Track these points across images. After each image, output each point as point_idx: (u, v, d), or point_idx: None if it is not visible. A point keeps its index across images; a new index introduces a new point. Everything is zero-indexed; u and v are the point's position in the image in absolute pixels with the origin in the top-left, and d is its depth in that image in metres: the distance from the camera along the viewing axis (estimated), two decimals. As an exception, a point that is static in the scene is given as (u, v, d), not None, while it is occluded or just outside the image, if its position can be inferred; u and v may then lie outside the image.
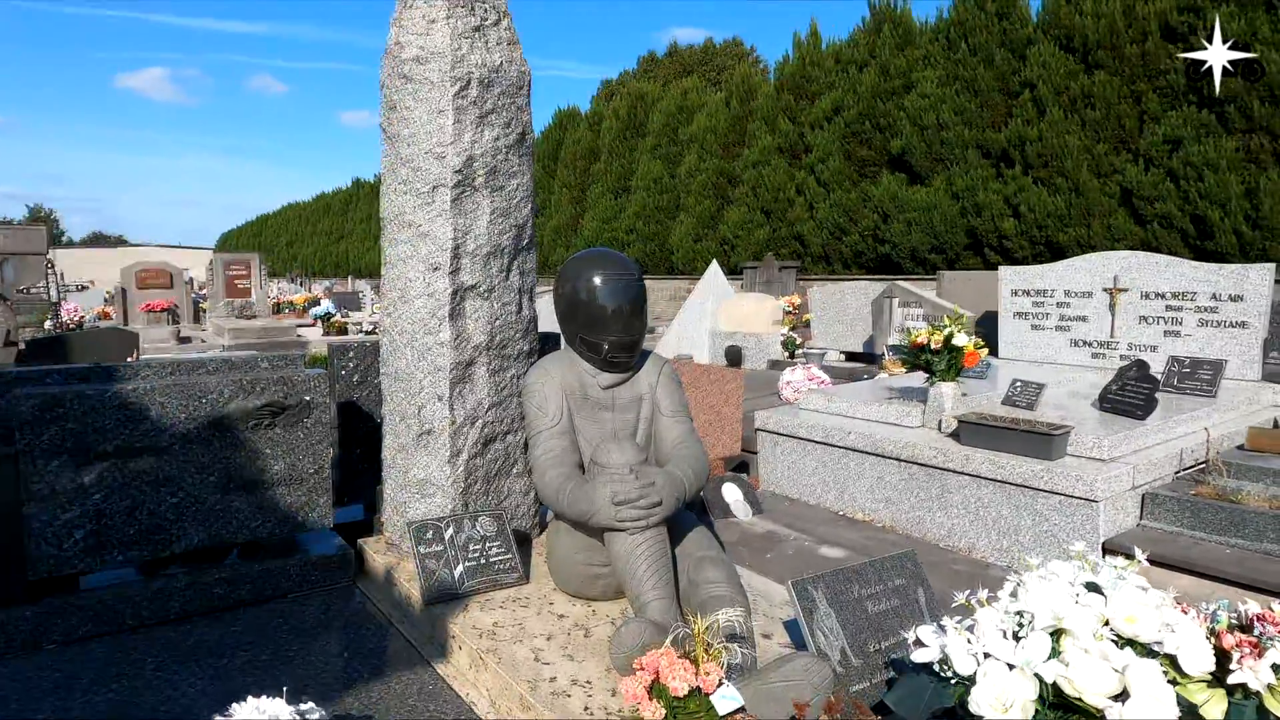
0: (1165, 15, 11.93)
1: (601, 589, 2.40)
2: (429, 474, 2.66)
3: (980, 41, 13.98)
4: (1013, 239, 13.13)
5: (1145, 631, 1.50)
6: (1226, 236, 10.86)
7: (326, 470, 2.82)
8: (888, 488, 4.37)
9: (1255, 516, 3.41)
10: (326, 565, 2.79)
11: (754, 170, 17.38)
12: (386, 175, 2.69)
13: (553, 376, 2.47)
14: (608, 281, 2.45)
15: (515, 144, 2.70)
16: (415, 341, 2.63)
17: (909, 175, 14.89)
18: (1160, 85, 11.88)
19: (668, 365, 2.65)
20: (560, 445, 2.39)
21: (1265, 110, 10.73)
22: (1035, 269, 5.97)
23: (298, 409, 2.74)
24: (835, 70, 16.35)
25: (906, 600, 2.02)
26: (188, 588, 2.58)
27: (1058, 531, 3.65)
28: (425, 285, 2.59)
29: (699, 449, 2.48)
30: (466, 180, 2.57)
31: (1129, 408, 4.17)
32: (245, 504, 2.68)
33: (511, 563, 2.57)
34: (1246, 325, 4.94)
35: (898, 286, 7.13)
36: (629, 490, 2.10)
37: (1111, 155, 12.28)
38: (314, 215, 37.68)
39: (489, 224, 2.64)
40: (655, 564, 2.08)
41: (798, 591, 1.87)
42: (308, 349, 10.44)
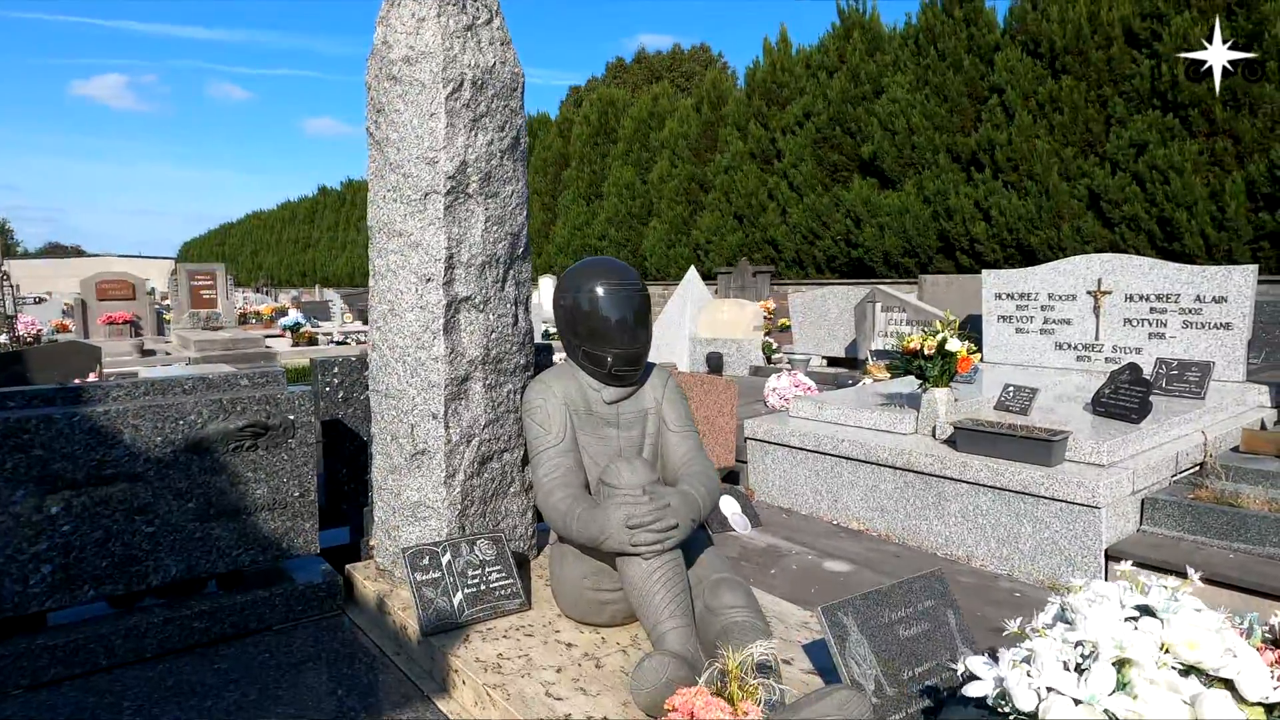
0: (1128, 21, 12.13)
1: (610, 615, 2.29)
2: (423, 496, 2.52)
3: (948, 47, 14.11)
4: (984, 242, 13.24)
5: (1209, 658, 1.42)
6: (1193, 238, 11.03)
7: (312, 494, 2.66)
8: (882, 496, 4.30)
9: (1256, 520, 3.39)
10: (314, 595, 2.64)
11: (726, 175, 17.38)
12: (374, 182, 2.55)
13: (555, 392, 2.36)
14: (611, 292, 2.34)
15: (509, 149, 2.58)
16: (407, 357, 2.50)
17: (880, 180, 14.98)
18: (1125, 90, 12.06)
19: (672, 378, 2.54)
20: (565, 464, 2.27)
21: (1227, 114, 10.93)
22: (1019, 272, 5.97)
23: (281, 429, 2.58)
24: (806, 75, 16.42)
25: (937, 623, 1.93)
26: (165, 623, 2.41)
27: (1059, 539, 3.61)
28: (417, 297, 2.46)
29: (709, 465, 2.37)
30: (460, 187, 2.45)
31: (1123, 411, 4.15)
32: (226, 532, 2.52)
33: (513, 588, 2.44)
34: (1230, 327, 4.96)
35: (880, 291, 7.11)
36: (643, 513, 1.99)
37: (1079, 159, 12.43)
38: (279, 224, 37.01)
39: (483, 232, 2.51)
40: (672, 590, 1.97)
41: (829, 619, 1.77)
42: (277, 361, 10.18)
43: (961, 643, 1.95)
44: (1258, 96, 10.63)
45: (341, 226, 31.91)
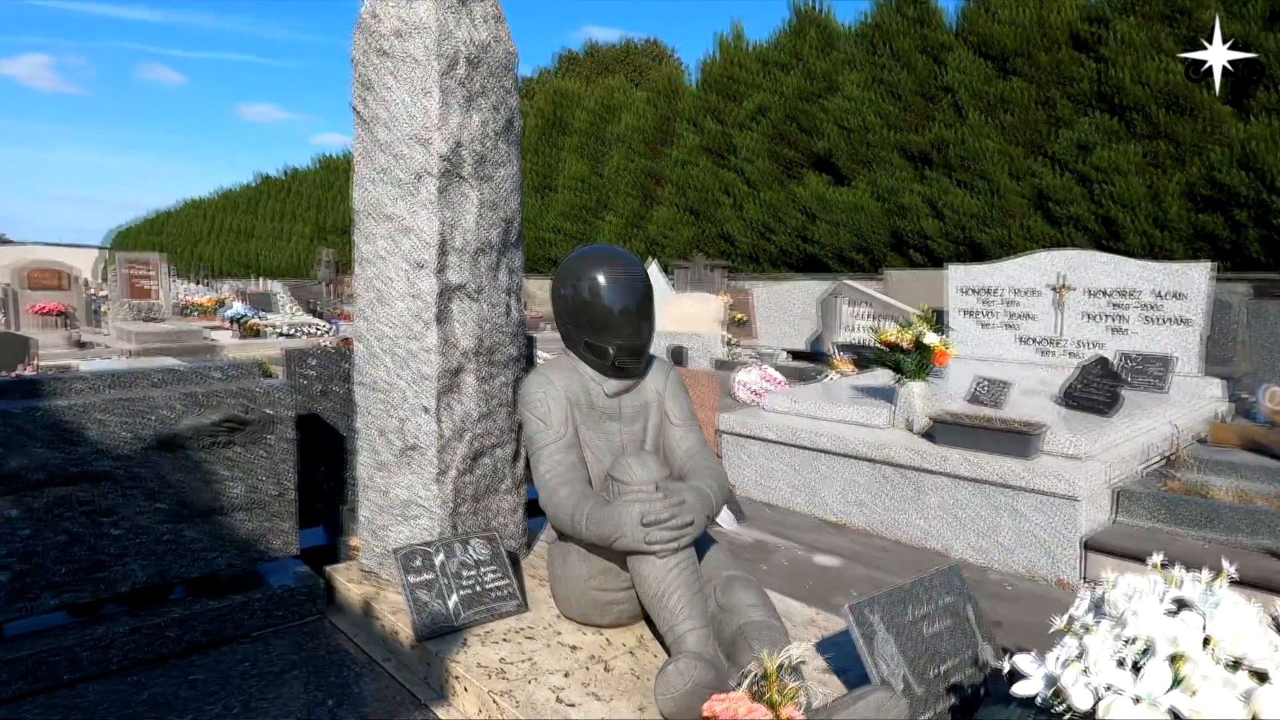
0: (1074, 25, 12.45)
1: (615, 616, 2.20)
2: (413, 494, 2.40)
3: (901, 46, 14.31)
4: (935, 239, 13.47)
5: (1254, 651, 1.40)
6: (1135, 237, 11.38)
7: (291, 492, 2.52)
8: (860, 490, 4.30)
9: (1228, 510, 3.47)
10: (294, 599, 2.50)
11: (681, 170, 17.37)
12: (360, 162, 2.41)
13: (555, 385, 2.26)
14: (613, 280, 2.25)
15: (503, 130, 2.47)
16: (396, 348, 2.37)
17: (834, 176, 15.13)
18: (1071, 91, 12.37)
19: (674, 371, 2.47)
20: (568, 460, 2.18)
21: (1167, 117, 11.30)
22: (983, 267, 6.05)
23: (259, 425, 2.43)
24: (760, 71, 16.49)
25: (958, 619, 1.90)
26: (134, 632, 2.24)
27: (1037, 530, 3.64)
28: (408, 285, 2.34)
29: (715, 460, 2.31)
30: (454, 169, 2.33)
31: (1094, 404, 4.22)
32: (199, 534, 2.36)
33: (509, 589, 2.34)
34: (1188, 321, 5.09)
35: (845, 285, 7.14)
36: (659, 510, 1.91)
37: (1027, 158, 12.73)
38: (217, 213, 35.76)
39: (477, 218, 2.40)
40: (689, 590, 1.90)
41: (856, 617, 1.72)
42: (221, 355, 9.81)
43: (982, 638, 1.92)
44: (1195, 101, 11.01)
45: (284, 217, 30.98)
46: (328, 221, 28.10)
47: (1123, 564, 3.47)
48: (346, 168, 29.20)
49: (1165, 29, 11.53)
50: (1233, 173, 10.50)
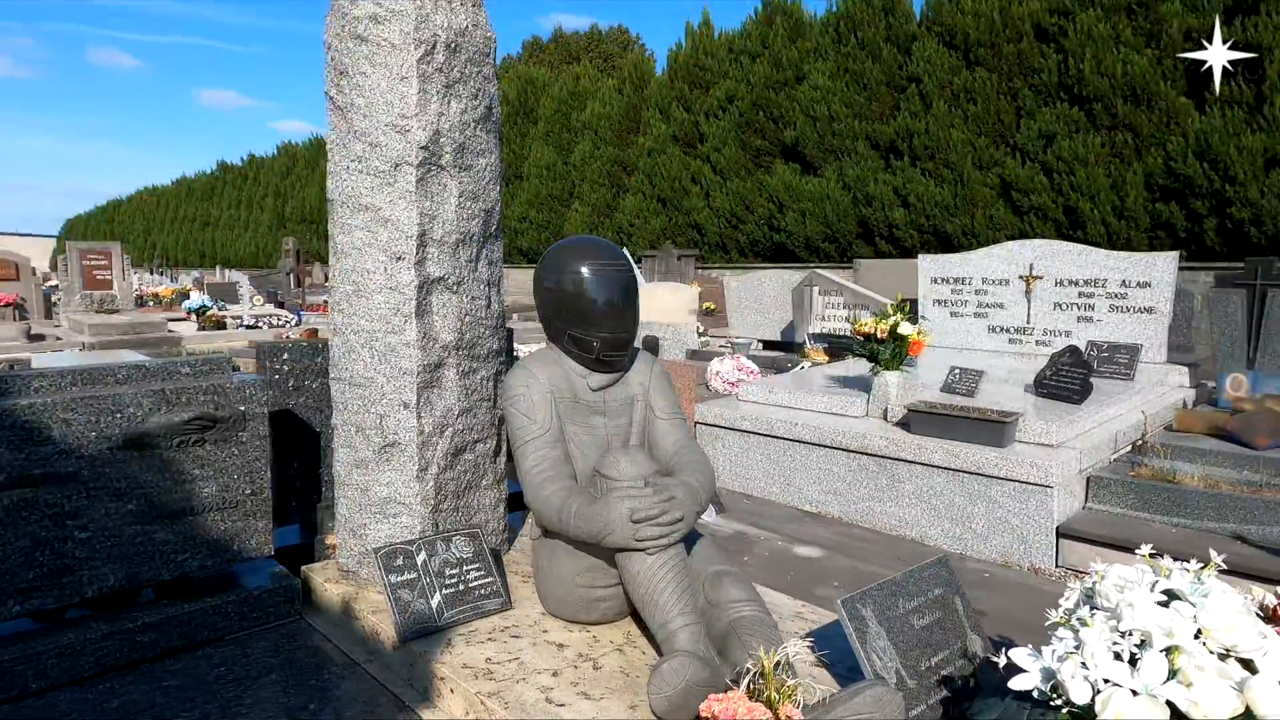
0: (1037, 16, 12.59)
1: (602, 613, 2.18)
2: (393, 492, 2.35)
3: (868, 36, 14.37)
4: (902, 228, 13.59)
5: (1244, 641, 1.42)
6: (1095, 227, 11.58)
7: (266, 491, 2.45)
8: (835, 479, 4.32)
9: (1196, 496, 3.54)
10: (270, 600, 2.43)
11: (649, 158, 17.30)
12: (335, 151, 2.34)
13: (539, 378, 2.22)
14: (597, 272, 2.21)
15: (483, 118, 2.41)
16: (375, 342, 2.31)
17: (802, 165, 15.18)
18: (1034, 83, 12.52)
19: (658, 363, 2.44)
20: (553, 456, 2.14)
21: (1127, 108, 11.49)
22: (954, 257, 6.10)
23: (231, 422, 2.36)
24: (728, 60, 16.46)
25: (948, 611, 1.90)
26: (105, 638, 2.17)
27: (1011, 518, 3.69)
28: (387, 277, 2.28)
29: (703, 454, 2.29)
30: (433, 158, 2.27)
31: (1065, 393, 4.27)
32: (171, 535, 2.29)
33: (493, 587, 2.30)
34: (1154, 311, 5.19)
35: (818, 275, 7.17)
36: (648, 506, 1.88)
37: (991, 148, 12.88)
38: (175, 201, 34.88)
39: (457, 208, 2.34)
40: (680, 587, 1.88)
41: (849, 611, 1.72)
42: (183, 347, 9.58)
43: (970, 630, 1.93)
44: (1155, 93, 11.21)
45: (245, 205, 30.34)
46: (290, 210, 27.58)
47: (1095, 550, 3.52)
48: (309, 155, 28.66)
49: (1126, 22, 11.71)
50: (1190, 164, 10.72)
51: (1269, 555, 3.20)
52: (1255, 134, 10.29)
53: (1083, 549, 3.57)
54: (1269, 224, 10.13)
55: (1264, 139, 10.19)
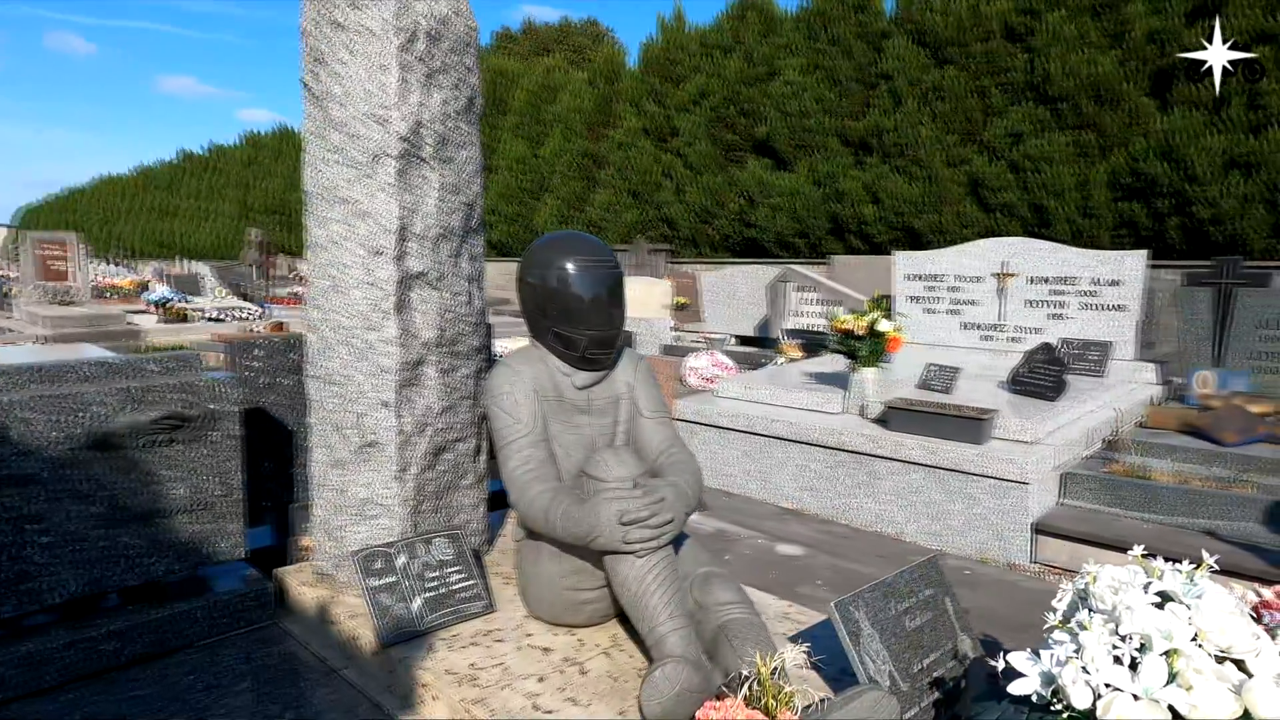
0: (1006, 16, 12.72)
1: (588, 615, 2.14)
2: (372, 493, 2.28)
3: (840, 32, 14.42)
4: (872, 224, 13.67)
5: (1239, 642, 1.42)
6: (1062, 225, 11.75)
7: (237, 492, 2.37)
8: (814, 476, 4.32)
9: (1167, 492, 3.59)
10: (242, 605, 2.36)
11: (621, 152, 17.23)
12: (312, 141, 2.27)
13: (523, 377, 2.17)
14: (583, 269, 2.17)
15: (464, 109, 2.35)
16: (353, 338, 2.24)
17: (774, 161, 15.21)
18: (1003, 81, 12.66)
19: (644, 361, 2.40)
20: (538, 456, 2.10)
21: (1093, 108, 11.66)
22: (929, 254, 6.14)
23: (202, 421, 2.28)
24: (701, 54, 16.43)
25: (938, 611, 1.89)
26: (68, 647, 2.08)
27: (988, 514, 3.71)
28: (365, 272, 2.21)
29: (690, 454, 2.26)
30: (413, 150, 2.20)
31: (1040, 390, 4.31)
32: (138, 539, 2.21)
33: (475, 590, 2.25)
34: (1124, 308, 5.26)
35: (793, 271, 7.17)
36: (638, 508, 1.84)
37: (960, 146, 12.99)
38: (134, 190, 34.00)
39: (438, 201, 2.28)
40: (669, 590, 1.84)
41: (842, 614, 1.70)
42: (144, 340, 9.34)
43: (961, 630, 1.92)
44: (1120, 93, 11.39)
45: (208, 196, 29.68)
46: (255, 201, 27.03)
47: (1070, 546, 3.56)
48: (275, 145, 28.12)
49: (1092, 22, 11.88)
50: (1154, 163, 10.90)
51: (1240, 550, 3.25)
52: (1215, 135, 10.50)
53: (1057, 545, 3.60)
54: (1229, 224, 10.35)
55: (1223, 140, 10.40)
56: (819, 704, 1.54)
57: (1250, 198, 10.11)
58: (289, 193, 26.07)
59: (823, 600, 2.88)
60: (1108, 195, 11.42)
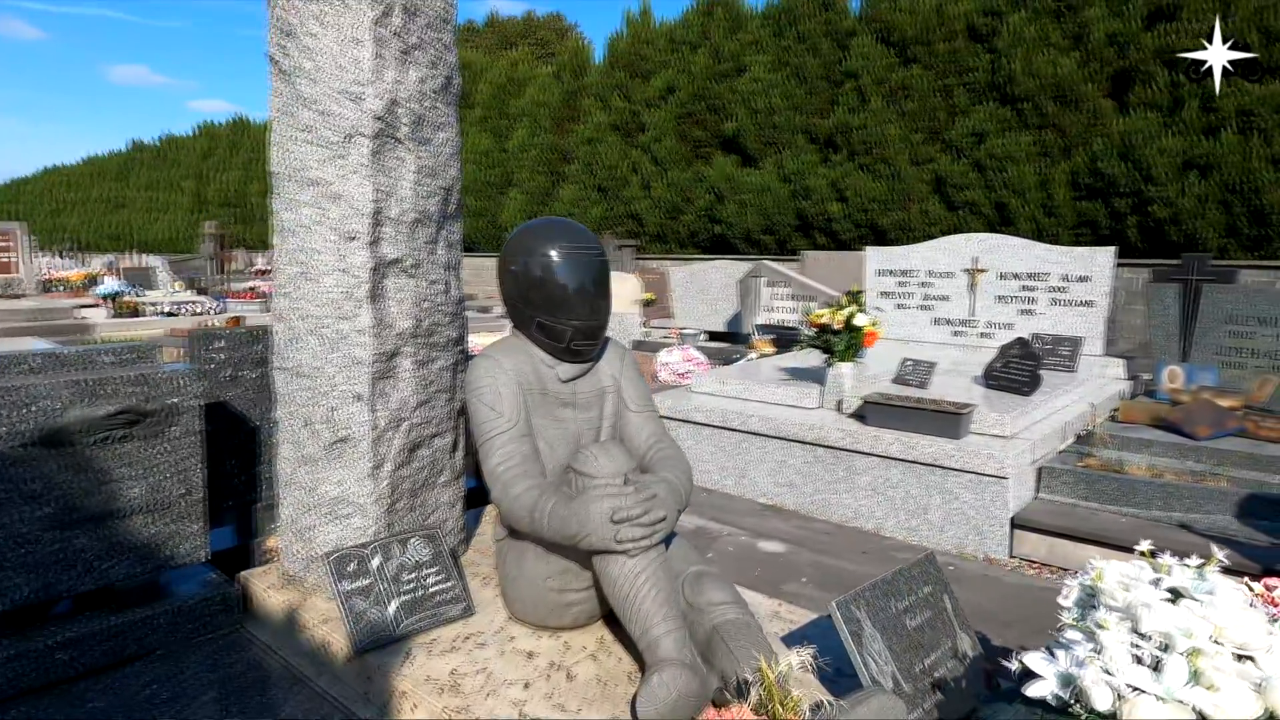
0: (970, 16, 12.86)
1: (574, 617, 2.05)
2: (344, 491, 2.17)
3: (807, 30, 14.47)
4: (839, 221, 13.74)
5: (1254, 639, 1.38)
6: (1025, 223, 11.90)
7: (199, 491, 2.24)
8: (791, 471, 4.27)
9: (1143, 485, 3.60)
10: (205, 610, 2.23)
11: (588, 146, 17.10)
12: (279, 120, 2.14)
13: (505, 369, 2.07)
14: (568, 256, 2.08)
15: (442, 89, 2.25)
16: (324, 329, 2.12)
17: (742, 157, 15.21)
18: (967, 81, 12.79)
19: (629, 353, 2.32)
20: (521, 451, 2.00)
21: (1055, 109, 11.83)
22: (900, 249, 6.14)
23: (161, 416, 2.14)
24: (668, 50, 16.37)
25: (937, 610, 1.84)
26: (17, 658, 1.94)
27: (967, 509, 3.70)
28: (338, 259, 2.09)
29: (679, 449, 2.18)
30: (389, 129, 2.10)
31: (1015, 384, 4.32)
32: (92, 541, 2.07)
33: (454, 591, 2.15)
34: (1093, 304, 5.30)
35: (765, 266, 7.14)
36: (630, 505, 1.76)
37: (926, 145, 13.11)
38: (83, 181, 32.94)
39: (414, 185, 2.17)
40: (662, 591, 1.77)
41: (844, 614, 1.64)
42: (94, 335, 9.02)
43: (960, 628, 1.87)
44: (1081, 94, 11.57)
45: (161, 187, 28.87)
46: (211, 193, 26.35)
47: (1049, 540, 3.56)
48: (232, 136, 27.45)
49: (1053, 24, 12.04)
50: (1113, 163, 11.09)
51: (1215, 543, 3.27)
52: (1172, 137, 10.71)
53: (1036, 539, 3.60)
54: (1187, 223, 10.57)
55: (1181, 141, 10.61)
56: (826, 708, 1.48)
57: (1206, 198, 10.33)
58: (247, 185, 25.48)
59: (809, 598, 2.83)
60: (1069, 194, 11.59)
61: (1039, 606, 2.90)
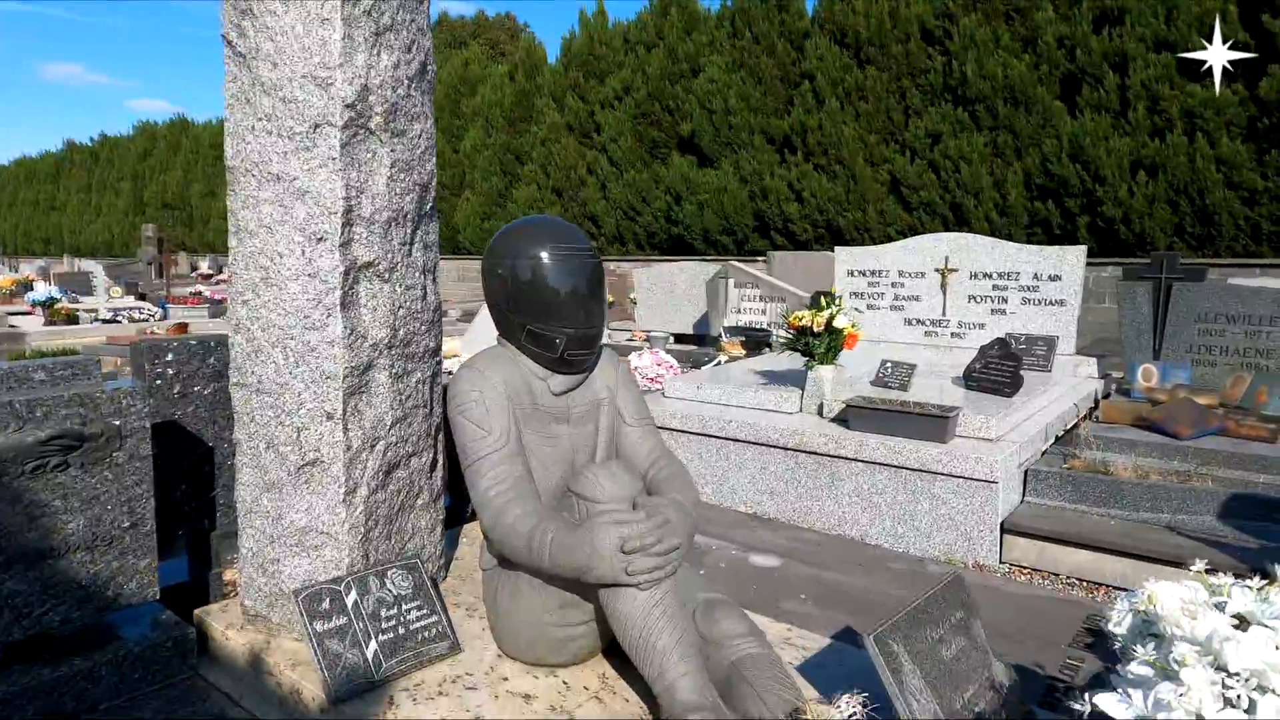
0: (924, 19, 12.97)
1: (573, 653, 1.88)
2: (314, 519, 1.96)
3: (762, 31, 14.46)
4: (796, 222, 13.75)
5: (1334, 667, 1.27)
6: (979, 223, 12.03)
7: (148, 522, 2.01)
8: (772, 478, 4.15)
9: (1131, 487, 3.55)
10: (156, 655, 1.99)
11: (543, 148, 16.87)
12: (235, 107, 1.93)
13: (492, 382, 1.89)
14: (561, 259, 1.91)
15: (417, 75, 2.05)
16: (290, 340, 1.91)
17: (699, 158, 15.13)
18: (921, 83, 12.90)
19: (623, 362, 2.15)
20: (514, 473, 1.82)
21: (1007, 110, 11.98)
22: (871, 249, 6.07)
23: (103, 440, 1.91)
24: (624, 50, 16.23)
25: (970, 636, 1.71)
26: (-66, 723, 1.70)
27: (955, 514, 3.61)
28: (305, 262, 1.88)
29: (682, 465, 2.02)
30: (360, 118, 1.89)
31: (996, 385, 4.25)
32: (23, 584, 1.82)
33: (439, 627, 1.96)
34: (1064, 303, 5.29)
35: (733, 267, 7.03)
36: (643, 534, 1.59)
37: (882, 146, 13.19)
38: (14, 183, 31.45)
39: (388, 181, 1.97)
40: (678, 628, 1.60)
41: (881, 648, 1.49)
42: (26, 344, 8.51)
43: (993, 656, 1.75)
44: (1032, 96, 11.74)
45: (95, 189, 27.72)
46: (150, 196, 25.36)
47: (1039, 545, 3.49)
48: (171, 137, 26.48)
49: (1005, 27, 12.20)
50: (1065, 164, 11.27)
51: (1206, 546, 3.22)
52: (1122, 138, 10.92)
53: (1025, 544, 3.52)
54: (1136, 222, 10.77)
55: (1129, 142, 10.82)
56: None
57: (1154, 198, 10.55)
58: (188, 186, 24.60)
59: (811, 617, 2.70)
60: (1022, 194, 11.75)
61: (1043, 618, 2.81)
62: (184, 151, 25.44)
